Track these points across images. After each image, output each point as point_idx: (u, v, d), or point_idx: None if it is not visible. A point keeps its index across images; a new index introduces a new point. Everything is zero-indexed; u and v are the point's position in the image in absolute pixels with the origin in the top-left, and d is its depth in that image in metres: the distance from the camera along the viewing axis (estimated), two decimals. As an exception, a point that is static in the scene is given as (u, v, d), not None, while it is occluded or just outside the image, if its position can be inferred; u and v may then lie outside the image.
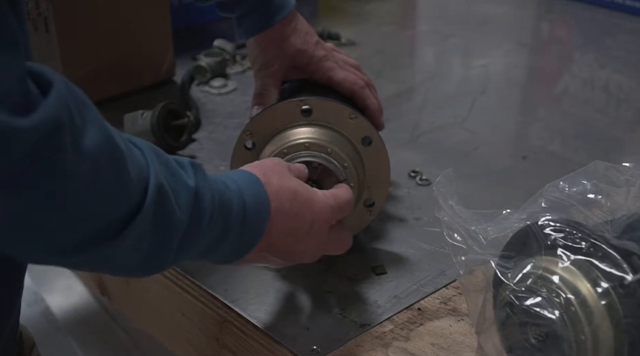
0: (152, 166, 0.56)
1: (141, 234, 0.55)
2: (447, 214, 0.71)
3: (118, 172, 0.52)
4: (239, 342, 0.80)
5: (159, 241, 0.57)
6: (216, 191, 0.62)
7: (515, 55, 1.48)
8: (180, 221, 0.58)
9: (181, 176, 0.59)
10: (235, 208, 0.63)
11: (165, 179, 0.57)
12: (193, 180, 0.60)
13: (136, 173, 0.54)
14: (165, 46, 1.28)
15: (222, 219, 0.62)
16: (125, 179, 0.53)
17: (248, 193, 0.65)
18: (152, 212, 0.55)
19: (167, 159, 0.59)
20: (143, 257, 0.57)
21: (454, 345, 0.75)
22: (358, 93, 0.89)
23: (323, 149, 0.81)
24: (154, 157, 0.57)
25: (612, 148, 1.14)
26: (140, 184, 0.54)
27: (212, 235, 0.62)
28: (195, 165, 0.61)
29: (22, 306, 0.70)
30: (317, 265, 0.86)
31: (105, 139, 0.51)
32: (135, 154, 0.55)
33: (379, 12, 1.67)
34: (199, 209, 0.60)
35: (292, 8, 0.91)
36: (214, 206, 0.61)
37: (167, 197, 0.56)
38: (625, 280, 0.61)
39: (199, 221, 0.60)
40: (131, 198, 0.54)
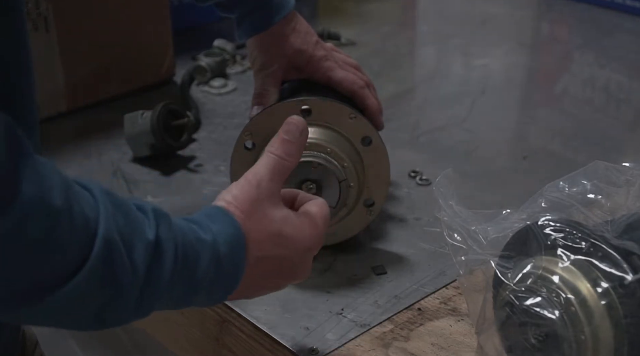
0: (104, 215, 0.52)
1: (86, 290, 0.51)
2: (447, 214, 0.71)
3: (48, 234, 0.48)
4: (239, 342, 0.80)
5: (109, 297, 0.53)
6: (181, 244, 0.57)
7: (515, 55, 1.48)
8: (134, 277, 0.53)
9: (140, 226, 0.54)
10: (205, 261, 0.58)
11: (119, 230, 0.52)
12: (154, 231, 0.55)
13: (81, 226, 0.50)
14: (165, 46, 1.28)
15: (187, 275, 0.57)
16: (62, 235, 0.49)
17: (224, 241, 0.60)
18: (97, 268, 0.51)
19: (127, 208, 0.54)
20: (95, 313, 0.54)
21: (454, 345, 0.75)
22: (358, 93, 0.89)
23: (323, 149, 0.81)
24: (109, 205, 0.52)
25: (612, 148, 1.14)
26: (85, 236, 0.50)
27: (177, 291, 0.57)
28: (158, 214, 0.56)
29: (22, 306, 0.70)
30: (317, 265, 0.86)
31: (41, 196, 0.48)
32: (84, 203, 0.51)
33: (379, 12, 1.67)
34: (158, 264, 0.55)
35: (292, 8, 0.91)
36: (176, 261, 0.56)
37: (118, 253, 0.52)
38: (625, 280, 0.61)
39: (158, 277, 0.55)
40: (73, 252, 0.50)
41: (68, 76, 1.17)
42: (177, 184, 1.03)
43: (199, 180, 1.04)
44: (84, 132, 1.16)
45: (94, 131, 1.16)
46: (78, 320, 0.54)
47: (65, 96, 1.18)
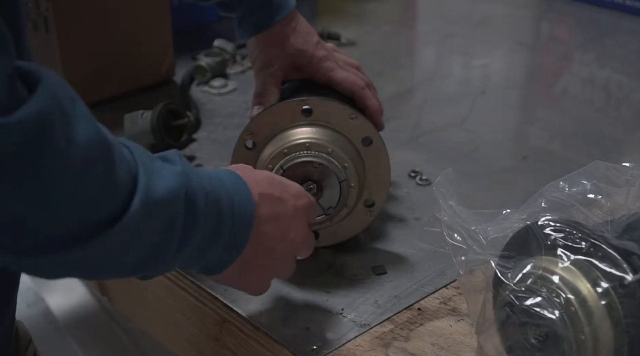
0: (140, 160, 0.56)
1: (137, 227, 0.54)
2: (447, 214, 0.71)
3: (109, 165, 0.52)
4: (239, 342, 0.80)
5: (158, 230, 0.57)
6: (203, 175, 0.62)
7: (515, 55, 1.48)
8: (175, 206, 0.58)
9: (168, 166, 0.59)
10: (222, 193, 0.63)
11: (154, 170, 0.57)
12: (180, 166, 0.60)
13: (125, 168, 0.54)
14: (165, 46, 1.28)
15: (215, 202, 0.62)
16: (115, 172, 0.53)
17: (228, 182, 0.65)
18: (145, 203, 0.54)
19: (152, 156, 0.59)
20: (144, 252, 0.57)
21: (454, 345, 0.75)
22: (358, 93, 0.89)
23: (323, 149, 0.81)
24: (142, 153, 0.57)
25: (612, 148, 1.14)
26: (129, 178, 0.54)
27: (209, 221, 0.61)
28: (179, 154, 0.62)
29: (22, 306, 0.70)
30: (317, 265, 0.87)
31: (96, 132, 0.52)
32: (123, 150, 0.55)
33: (379, 12, 1.67)
34: (191, 192, 0.59)
35: (292, 8, 0.91)
36: (205, 188, 0.61)
37: (158, 186, 0.56)
38: (625, 280, 0.61)
39: (194, 203, 0.59)
40: (122, 191, 0.54)
41: (68, 76, 1.17)
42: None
43: (199, 180, 1.04)
44: (84, 132, 1.16)
45: (94, 131, 1.16)
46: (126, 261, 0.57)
47: (66, 96, 1.18)
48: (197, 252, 0.62)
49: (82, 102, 0.52)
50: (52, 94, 0.49)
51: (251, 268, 0.69)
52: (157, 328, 0.97)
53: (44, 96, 0.48)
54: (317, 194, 0.82)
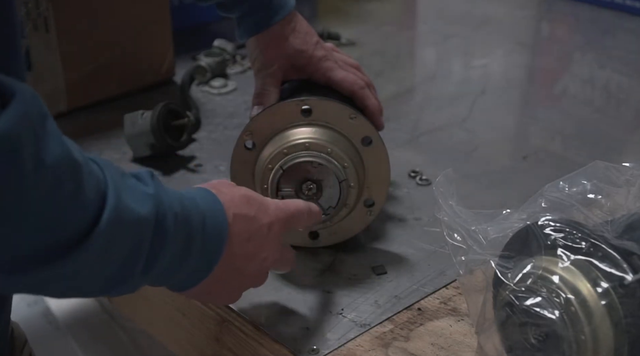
0: (110, 178, 0.55)
1: (104, 246, 0.54)
2: (447, 214, 0.71)
3: (77, 185, 0.52)
4: (239, 342, 0.80)
5: (126, 251, 0.56)
6: (174, 198, 0.61)
7: (515, 55, 1.48)
8: (145, 227, 0.57)
9: (139, 186, 0.58)
10: (195, 215, 0.63)
11: (124, 190, 0.56)
12: (152, 188, 0.59)
13: (94, 186, 0.54)
14: (165, 46, 1.28)
15: (184, 225, 0.61)
16: (84, 192, 0.52)
17: (203, 202, 0.65)
18: (113, 222, 0.54)
19: (124, 173, 0.58)
20: (111, 272, 0.56)
21: (454, 345, 0.75)
22: (358, 93, 0.89)
23: (323, 149, 0.81)
24: (112, 170, 0.56)
25: (612, 148, 1.14)
26: (98, 197, 0.54)
27: (178, 243, 0.61)
28: (152, 174, 0.61)
29: (22, 306, 0.70)
30: (317, 265, 0.87)
31: (64, 150, 0.51)
32: (92, 168, 0.55)
33: (379, 12, 1.67)
34: (161, 214, 0.59)
35: (292, 8, 0.91)
36: (175, 210, 0.60)
37: (127, 207, 0.56)
38: (625, 280, 0.61)
39: (163, 227, 0.59)
40: (90, 210, 0.53)
41: (68, 76, 1.17)
42: (177, 184, 1.03)
43: (199, 180, 1.04)
44: (84, 132, 1.16)
45: (94, 131, 1.16)
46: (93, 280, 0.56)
47: (65, 96, 1.18)
48: (165, 272, 0.62)
49: (52, 119, 0.52)
50: (24, 113, 0.48)
51: (220, 284, 0.68)
52: (157, 328, 0.97)
53: (15, 114, 0.47)
54: (316, 194, 0.82)
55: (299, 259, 0.87)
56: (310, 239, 0.88)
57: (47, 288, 0.56)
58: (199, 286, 0.66)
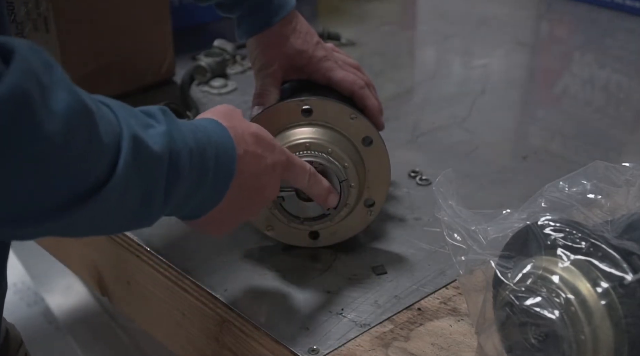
0: (123, 119, 0.57)
1: (124, 186, 0.56)
2: (447, 214, 0.71)
3: (90, 130, 0.53)
4: (239, 342, 0.80)
5: (145, 188, 0.58)
6: (188, 132, 0.63)
7: (515, 55, 1.48)
8: (161, 165, 0.59)
9: (151, 124, 0.60)
10: (207, 148, 0.65)
11: (138, 129, 0.58)
12: (164, 125, 0.61)
13: (108, 130, 0.55)
14: (165, 46, 1.28)
15: (198, 157, 0.63)
16: (99, 136, 0.53)
17: (215, 135, 0.67)
18: (130, 163, 0.55)
19: (136, 112, 0.60)
20: (132, 208, 0.58)
21: (454, 345, 0.75)
22: (358, 93, 0.89)
23: (323, 149, 0.81)
24: (123, 111, 0.58)
25: (612, 148, 1.14)
26: (113, 139, 0.55)
27: (193, 175, 0.63)
28: (163, 110, 0.63)
29: (22, 306, 0.70)
30: (317, 265, 0.87)
31: (75, 99, 0.52)
32: (104, 112, 0.56)
33: (379, 12, 1.67)
34: (175, 150, 0.61)
35: (292, 8, 0.91)
36: (189, 146, 0.62)
37: (143, 146, 0.57)
38: (625, 280, 0.61)
39: (178, 161, 0.61)
40: (106, 154, 0.54)
41: (68, 76, 1.17)
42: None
43: (199, 180, 1.04)
44: (84, 132, 1.16)
45: (94, 131, 1.16)
46: (115, 220, 0.58)
47: (66, 96, 1.18)
48: (179, 204, 0.64)
49: (59, 67, 0.52)
50: (27, 66, 0.49)
51: (221, 216, 0.70)
52: (157, 328, 0.97)
53: (18, 69, 0.48)
54: (317, 194, 0.82)
55: (299, 259, 0.87)
56: (310, 239, 0.88)
57: (73, 230, 0.58)
58: (200, 220, 0.69)
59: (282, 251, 0.89)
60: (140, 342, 1.47)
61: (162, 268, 0.88)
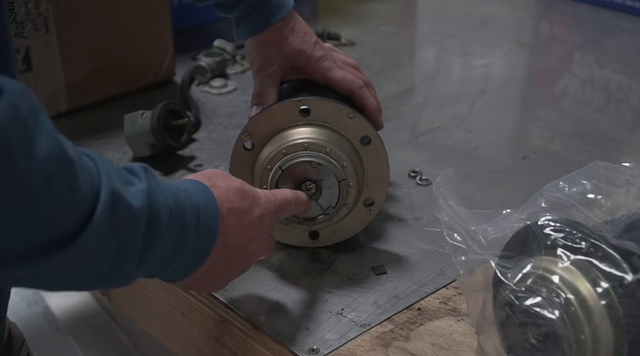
0: (104, 173, 0.55)
1: (97, 242, 0.54)
2: (447, 214, 0.71)
3: (70, 179, 0.52)
4: (239, 342, 0.80)
5: (118, 247, 0.56)
6: (169, 192, 0.62)
7: (515, 55, 1.48)
8: (137, 223, 0.58)
9: (132, 180, 0.59)
10: (188, 209, 0.63)
11: (118, 184, 0.56)
12: (145, 183, 0.60)
13: (87, 181, 0.54)
14: (165, 46, 1.28)
15: (178, 220, 0.62)
16: (77, 187, 0.53)
17: (196, 195, 0.65)
18: (106, 218, 0.54)
19: (118, 168, 0.59)
20: (104, 266, 0.57)
21: (454, 345, 0.75)
22: (356, 93, 0.89)
23: (322, 149, 0.81)
24: (106, 165, 0.57)
25: (612, 148, 1.14)
26: (92, 192, 0.54)
27: (172, 238, 0.61)
28: (146, 169, 0.61)
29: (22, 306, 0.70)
30: (317, 265, 0.87)
31: (57, 146, 0.51)
32: (86, 162, 0.55)
33: (379, 12, 1.67)
34: (155, 210, 0.59)
35: (291, 8, 0.91)
36: (169, 206, 0.61)
37: (121, 202, 0.56)
38: (625, 280, 0.61)
39: (157, 222, 0.59)
40: (83, 205, 0.53)
41: (68, 76, 1.17)
42: (177, 184, 1.03)
43: (199, 180, 1.04)
44: (84, 132, 1.16)
45: (94, 131, 1.16)
46: (86, 275, 0.57)
47: (65, 96, 1.18)
48: (158, 265, 0.63)
49: (45, 113, 0.51)
50: (13, 108, 0.48)
51: (210, 274, 0.69)
52: (157, 328, 0.97)
53: (4, 109, 0.47)
54: (316, 194, 0.82)
55: (299, 259, 0.87)
56: (310, 239, 0.88)
57: (42, 282, 0.56)
58: (187, 279, 0.68)
59: (282, 251, 0.89)
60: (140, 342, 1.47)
61: (161, 268, 0.88)
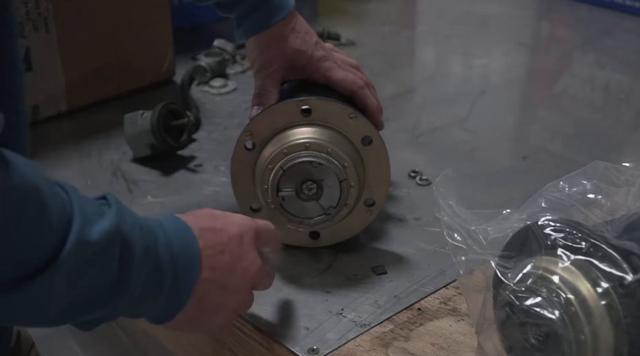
0: (75, 201, 0.55)
1: (70, 271, 0.53)
2: (447, 214, 0.71)
3: (40, 207, 0.51)
4: (239, 342, 0.80)
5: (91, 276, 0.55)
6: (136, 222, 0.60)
7: (515, 55, 1.48)
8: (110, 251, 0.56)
9: (103, 208, 0.58)
10: (160, 236, 0.61)
11: (89, 213, 0.55)
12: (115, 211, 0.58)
13: (58, 208, 0.53)
14: (165, 46, 1.28)
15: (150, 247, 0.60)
16: (49, 214, 0.52)
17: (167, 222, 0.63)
18: (79, 246, 0.53)
19: (88, 198, 0.57)
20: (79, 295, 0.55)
21: (454, 345, 0.75)
22: (357, 93, 0.89)
23: (323, 149, 0.81)
24: (75, 193, 0.56)
25: (612, 148, 1.14)
26: (63, 219, 0.53)
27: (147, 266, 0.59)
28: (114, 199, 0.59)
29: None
30: (317, 265, 0.87)
31: (27, 175, 0.51)
32: (57, 190, 0.54)
33: (379, 12, 1.67)
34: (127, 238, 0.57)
35: (291, 8, 0.91)
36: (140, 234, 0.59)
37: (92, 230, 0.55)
38: (625, 280, 0.61)
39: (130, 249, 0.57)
40: (54, 233, 0.52)
41: (68, 76, 1.17)
42: (177, 184, 1.03)
43: (199, 180, 1.04)
44: (84, 132, 1.16)
45: (94, 131, 1.16)
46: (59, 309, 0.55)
47: (65, 96, 1.18)
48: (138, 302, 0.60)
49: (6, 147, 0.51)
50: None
51: (205, 308, 0.66)
52: (157, 328, 0.97)
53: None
54: (317, 194, 0.82)
55: (299, 259, 0.87)
56: (310, 239, 0.88)
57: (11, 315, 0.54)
58: (182, 315, 0.64)
59: (282, 251, 0.88)
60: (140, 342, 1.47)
61: (162, 268, 0.88)
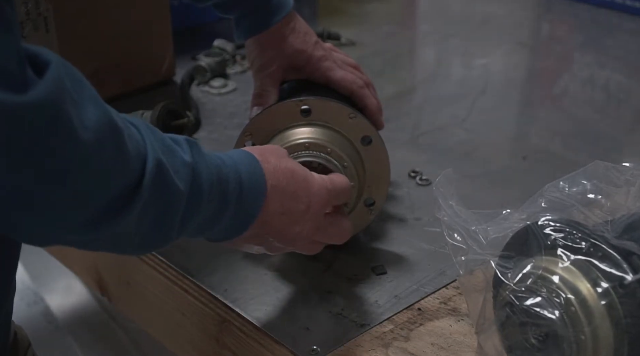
0: (149, 142, 0.56)
1: (143, 208, 0.55)
2: (447, 214, 0.71)
3: (119, 147, 0.53)
4: (239, 342, 0.80)
5: (161, 214, 0.58)
6: (212, 165, 0.63)
7: (515, 55, 1.48)
8: (180, 194, 0.59)
9: (177, 151, 0.60)
10: (232, 182, 0.64)
11: (162, 154, 0.57)
12: (189, 155, 0.60)
13: (134, 149, 0.55)
14: (165, 46, 1.28)
15: (219, 193, 0.63)
16: (126, 154, 0.54)
17: (244, 169, 0.66)
18: (152, 186, 0.55)
19: (163, 137, 0.60)
20: (146, 232, 0.58)
21: (454, 345, 0.75)
22: (357, 92, 0.89)
23: (323, 149, 0.81)
24: (150, 134, 0.57)
25: (612, 148, 1.14)
26: (138, 160, 0.55)
27: (211, 209, 0.63)
28: (190, 142, 0.62)
29: (22, 306, 0.70)
30: (317, 265, 0.86)
31: (104, 114, 0.52)
32: (132, 131, 0.56)
33: (379, 12, 1.67)
34: (197, 183, 0.60)
35: (291, 8, 0.91)
36: (211, 180, 0.62)
37: (166, 171, 0.57)
38: (625, 280, 0.61)
39: (198, 194, 0.60)
40: (131, 173, 0.54)
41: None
42: (177, 184, 1.03)
43: (199, 180, 1.04)
44: (84, 132, 1.16)
45: (94, 131, 1.16)
46: (133, 241, 0.58)
47: (65, 96, 1.18)
48: (198, 230, 0.64)
49: (89, 84, 0.53)
50: (61, 78, 0.49)
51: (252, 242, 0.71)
52: (157, 328, 0.97)
53: (54, 79, 0.48)
54: (316, 194, 0.82)
55: (299, 259, 0.87)
56: (310, 239, 0.88)
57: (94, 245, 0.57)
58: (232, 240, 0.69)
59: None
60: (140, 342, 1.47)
61: (161, 268, 0.88)
